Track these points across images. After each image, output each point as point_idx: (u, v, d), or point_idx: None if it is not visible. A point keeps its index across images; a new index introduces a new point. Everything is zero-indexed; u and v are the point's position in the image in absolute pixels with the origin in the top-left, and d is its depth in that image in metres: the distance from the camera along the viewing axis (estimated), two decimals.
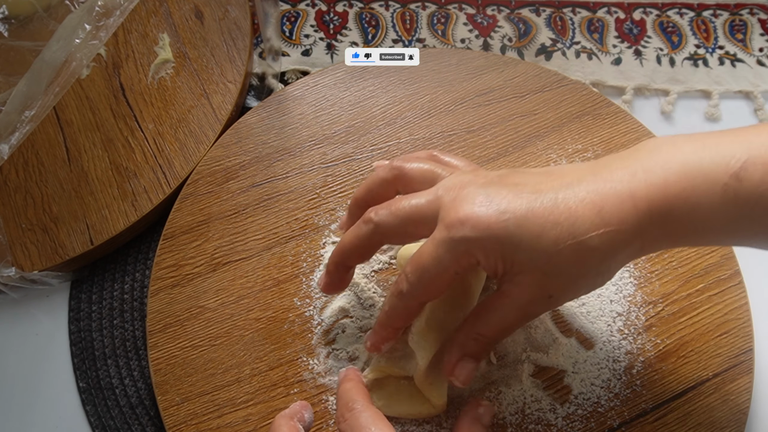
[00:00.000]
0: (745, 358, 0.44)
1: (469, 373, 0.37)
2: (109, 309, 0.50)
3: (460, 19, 0.62)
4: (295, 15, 0.62)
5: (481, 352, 0.37)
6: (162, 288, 0.46)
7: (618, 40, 0.61)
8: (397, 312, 0.37)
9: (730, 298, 0.46)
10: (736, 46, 0.61)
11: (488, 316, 0.36)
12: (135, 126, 0.53)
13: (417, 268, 0.35)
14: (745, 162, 0.31)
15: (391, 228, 0.37)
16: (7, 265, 0.46)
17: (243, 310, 0.46)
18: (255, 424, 0.42)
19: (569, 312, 0.45)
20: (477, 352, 0.37)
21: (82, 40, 0.45)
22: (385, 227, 0.37)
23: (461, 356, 0.37)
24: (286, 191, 0.50)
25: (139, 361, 0.48)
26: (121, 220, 0.50)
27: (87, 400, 0.47)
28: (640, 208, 0.32)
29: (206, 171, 0.51)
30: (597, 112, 0.53)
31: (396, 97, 0.54)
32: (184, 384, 0.43)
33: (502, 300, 0.35)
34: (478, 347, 0.37)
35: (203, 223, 0.49)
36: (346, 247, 0.39)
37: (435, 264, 0.34)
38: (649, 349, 0.44)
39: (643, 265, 0.47)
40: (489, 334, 0.36)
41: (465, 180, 0.35)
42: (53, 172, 0.51)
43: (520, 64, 0.55)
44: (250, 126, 0.53)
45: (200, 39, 0.57)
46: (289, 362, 0.44)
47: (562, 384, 0.43)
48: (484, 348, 0.37)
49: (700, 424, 0.42)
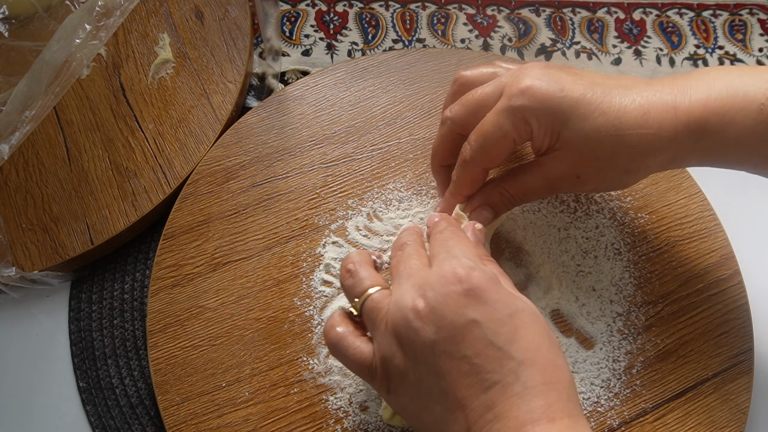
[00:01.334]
0: (745, 358, 0.44)
1: (485, 220, 0.41)
2: (109, 309, 0.50)
3: (460, 19, 0.62)
4: (295, 15, 0.62)
5: (501, 205, 0.41)
6: (162, 288, 0.47)
7: (618, 40, 0.61)
8: (463, 179, 0.41)
9: (730, 298, 0.46)
10: (736, 46, 0.61)
11: (518, 176, 0.40)
12: (135, 126, 0.53)
13: (480, 135, 0.38)
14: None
15: (464, 118, 0.40)
16: (7, 265, 0.46)
17: (243, 310, 0.46)
18: (255, 424, 0.42)
19: (569, 312, 0.45)
20: (497, 204, 0.41)
21: (83, 40, 0.45)
22: (459, 118, 0.40)
23: (482, 203, 0.41)
24: (286, 191, 0.50)
25: (139, 361, 0.48)
26: (122, 220, 0.50)
27: (87, 400, 0.47)
28: (680, 118, 0.35)
29: (206, 171, 0.51)
30: None
31: (396, 97, 0.54)
32: (184, 384, 0.43)
33: (536, 167, 0.39)
34: (500, 200, 0.41)
35: (203, 223, 0.49)
36: (436, 149, 0.43)
37: (495, 130, 0.38)
38: (649, 349, 0.44)
39: (643, 265, 0.47)
40: (513, 191, 0.40)
41: (528, 64, 0.39)
42: (53, 172, 0.51)
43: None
44: (250, 126, 0.53)
45: (200, 39, 0.57)
46: (289, 362, 0.44)
47: None
48: (504, 202, 0.41)
49: (699, 423, 0.42)
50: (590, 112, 0.36)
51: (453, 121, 0.41)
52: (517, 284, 0.46)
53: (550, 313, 0.45)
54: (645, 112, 0.35)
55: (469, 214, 0.41)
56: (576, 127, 0.36)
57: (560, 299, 0.45)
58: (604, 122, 0.36)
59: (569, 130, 0.36)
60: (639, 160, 0.37)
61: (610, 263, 0.47)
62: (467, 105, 0.40)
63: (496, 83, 0.39)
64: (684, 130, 0.35)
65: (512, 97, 0.37)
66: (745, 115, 0.34)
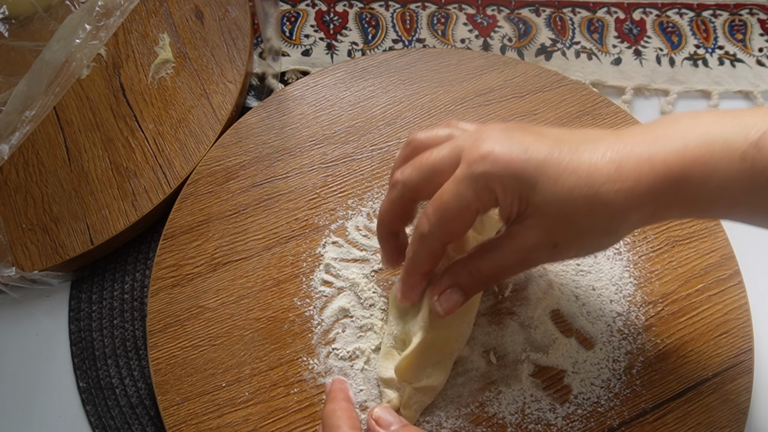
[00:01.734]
0: (745, 358, 0.44)
1: (453, 305, 0.37)
2: (109, 309, 0.50)
3: (460, 19, 0.62)
4: (295, 15, 0.62)
5: (472, 286, 0.37)
6: (162, 288, 0.47)
7: (618, 40, 0.61)
8: (421, 256, 0.37)
9: (730, 298, 0.46)
10: (736, 46, 0.61)
11: (489, 253, 0.36)
12: (135, 126, 0.53)
13: (438, 207, 0.35)
14: (765, 132, 0.31)
15: (417, 183, 0.37)
16: (7, 265, 0.46)
17: (243, 310, 0.46)
18: (255, 424, 0.42)
19: (569, 312, 0.45)
20: (468, 285, 0.37)
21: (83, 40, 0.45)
22: (412, 183, 0.37)
23: (451, 285, 0.37)
24: (286, 191, 0.50)
25: (139, 361, 0.48)
26: (122, 220, 0.50)
27: (87, 400, 0.47)
28: (658, 170, 0.32)
29: (206, 171, 0.51)
30: (597, 112, 0.53)
31: (396, 97, 0.54)
32: (184, 384, 0.43)
33: (507, 240, 0.35)
34: (471, 281, 0.37)
35: (203, 223, 0.49)
36: (384, 215, 0.39)
37: (456, 200, 0.34)
38: (649, 349, 0.44)
39: (643, 265, 0.47)
40: (485, 270, 0.36)
41: (485, 127, 0.36)
42: (53, 172, 0.51)
43: (520, 64, 0.55)
44: (250, 126, 0.53)
45: (200, 39, 0.57)
46: (289, 362, 0.44)
47: (562, 384, 0.43)
48: (475, 283, 0.37)
49: (699, 423, 0.42)
50: (559, 172, 0.33)
51: (405, 185, 0.37)
52: (516, 284, 0.46)
53: (550, 313, 0.45)
54: (618, 165, 0.33)
55: (437, 298, 0.37)
56: (546, 190, 0.33)
57: (560, 299, 0.45)
58: (575, 182, 0.33)
59: (539, 195, 0.33)
60: (618, 218, 0.34)
61: (609, 263, 0.47)
62: (421, 169, 0.36)
63: (452, 146, 0.36)
64: (663, 181, 0.32)
65: (472, 163, 0.34)
66: (728, 164, 0.32)
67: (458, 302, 0.37)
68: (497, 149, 0.33)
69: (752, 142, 0.31)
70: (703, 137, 0.32)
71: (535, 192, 0.33)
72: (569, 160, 0.33)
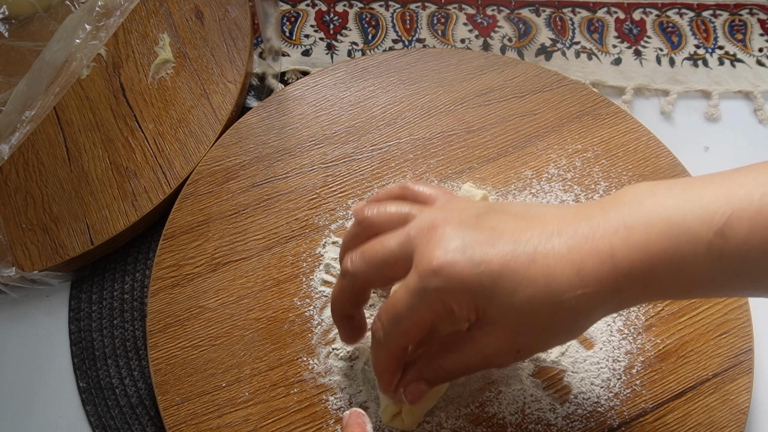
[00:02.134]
0: (745, 358, 0.44)
1: (420, 394, 0.37)
2: (109, 309, 0.50)
3: (460, 19, 0.62)
4: (295, 15, 0.62)
5: (437, 380, 0.37)
6: (162, 288, 0.47)
7: (618, 40, 0.61)
8: (383, 360, 0.37)
9: (730, 298, 0.46)
10: (736, 46, 0.61)
11: (452, 354, 0.36)
12: (135, 126, 0.53)
13: (392, 317, 0.34)
14: (729, 217, 0.30)
15: (368, 275, 0.36)
16: (7, 265, 0.46)
17: (243, 310, 0.46)
18: (255, 424, 0.42)
19: None
20: (432, 379, 0.37)
21: (83, 41, 0.45)
22: (362, 275, 0.36)
23: (417, 378, 0.37)
24: (286, 191, 0.50)
25: (139, 361, 0.48)
26: (121, 220, 0.50)
27: (87, 400, 0.47)
28: (621, 269, 0.31)
29: (206, 171, 0.51)
30: (597, 112, 0.53)
31: (396, 97, 0.54)
32: (184, 384, 0.43)
33: (469, 343, 0.35)
34: (436, 376, 0.37)
35: (203, 223, 0.49)
36: (336, 302, 0.39)
37: (409, 313, 0.34)
38: (649, 349, 0.44)
39: None
40: (448, 368, 0.36)
41: (438, 218, 0.34)
42: (53, 172, 0.51)
43: (520, 64, 0.55)
44: (250, 126, 0.53)
45: (200, 39, 0.57)
46: (289, 362, 0.44)
47: (562, 384, 0.43)
48: (441, 378, 0.37)
49: (699, 424, 0.42)
50: (516, 283, 0.31)
51: (355, 277, 0.36)
52: None
53: None
54: (578, 269, 0.31)
55: (403, 390, 0.37)
56: (503, 302, 0.32)
57: None
58: (534, 292, 0.31)
59: (496, 308, 0.32)
60: (583, 318, 0.33)
61: None
62: (371, 263, 0.36)
63: (402, 240, 0.35)
64: (627, 281, 0.31)
65: (425, 277, 0.32)
66: (695, 258, 0.30)
67: (424, 392, 0.37)
68: (449, 262, 0.32)
69: (717, 230, 0.30)
70: (667, 227, 0.31)
71: (492, 304, 0.32)
72: (526, 267, 0.31)
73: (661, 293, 0.32)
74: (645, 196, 0.32)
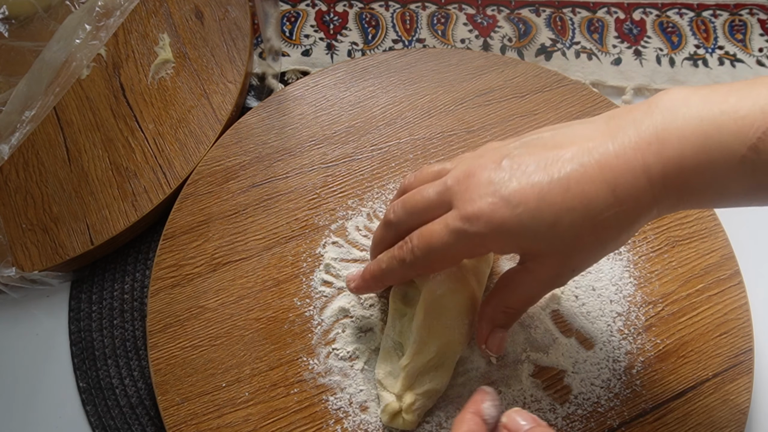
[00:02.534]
0: (745, 358, 0.44)
1: (501, 342, 0.39)
2: (109, 309, 0.50)
3: (460, 20, 0.62)
4: (295, 15, 0.62)
5: (510, 321, 0.39)
6: (162, 288, 0.47)
7: (618, 41, 0.61)
8: (394, 275, 0.39)
9: (730, 298, 0.46)
10: (736, 47, 0.61)
11: (515, 290, 0.37)
12: (135, 126, 0.53)
13: (426, 245, 0.36)
14: (764, 132, 0.30)
15: (408, 223, 0.38)
16: (7, 265, 0.46)
17: (243, 310, 0.46)
18: (255, 424, 0.42)
19: (569, 312, 0.45)
20: (506, 322, 0.39)
21: (83, 41, 0.45)
22: (403, 224, 0.38)
23: (492, 327, 0.39)
24: (286, 191, 0.50)
25: (139, 361, 0.48)
26: (121, 220, 0.50)
27: (87, 400, 0.47)
28: (655, 183, 0.32)
29: (206, 171, 0.51)
30: (597, 112, 0.53)
31: (396, 97, 0.54)
32: (184, 384, 0.43)
33: (528, 275, 0.36)
34: (507, 318, 0.39)
35: (203, 223, 0.49)
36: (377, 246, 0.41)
37: (444, 248, 0.35)
38: (649, 349, 0.44)
39: (643, 265, 0.47)
40: (517, 306, 0.38)
41: (474, 166, 0.36)
42: (53, 173, 0.51)
43: (520, 64, 0.55)
44: (250, 126, 0.53)
45: (200, 39, 0.57)
46: (289, 362, 0.44)
47: (562, 384, 0.43)
48: (513, 318, 0.39)
49: (699, 424, 0.42)
50: (555, 215, 0.32)
51: (397, 228, 0.39)
52: None
53: (550, 313, 0.45)
54: (613, 188, 0.32)
55: (485, 345, 0.39)
56: (547, 235, 0.33)
57: (560, 299, 0.45)
58: (573, 219, 0.32)
59: (541, 241, 0.34)
60: (626, 230, 0.34)
61: (609, 263, 0.47)
62: (411, 212, 0.38)
63: (441, 190, 0.36)
64: (662, 194, 0.32)
65: (465, 220, 0.34)
66: (727, 172, 0.31)
67: (504, 338, 0.39)
68: (489, 208, 0.33)
69: (751, 146, 0.30)
70: (701, 142, 0.31)
71: (536, 240, 0.34)
72: (562, 197, 0.32)
73: (696, 203, 0.34)
74: (680, 106, 0.32)
